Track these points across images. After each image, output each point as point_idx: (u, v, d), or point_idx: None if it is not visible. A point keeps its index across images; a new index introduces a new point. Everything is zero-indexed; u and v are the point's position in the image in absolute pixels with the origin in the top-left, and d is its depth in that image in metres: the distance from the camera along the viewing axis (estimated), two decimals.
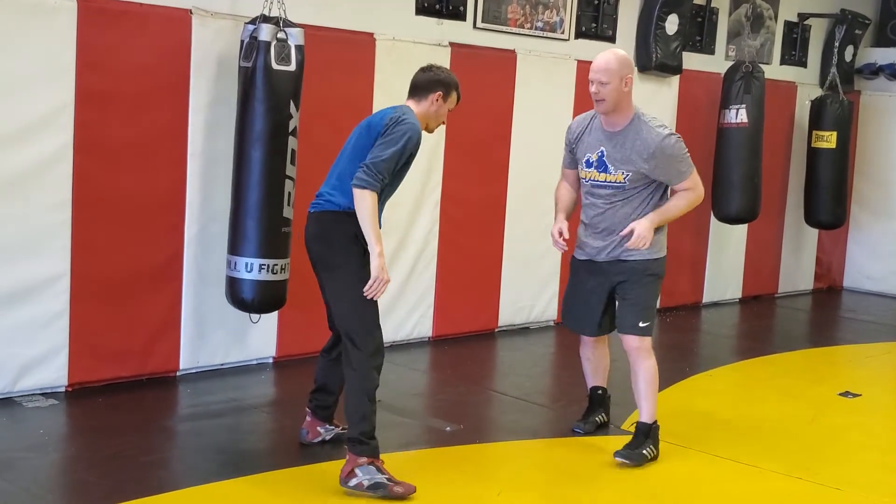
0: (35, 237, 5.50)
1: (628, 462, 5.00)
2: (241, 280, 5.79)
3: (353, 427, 4.49)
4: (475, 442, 5.26)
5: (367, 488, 4.36)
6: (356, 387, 4.51)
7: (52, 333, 5.61)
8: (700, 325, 9.05)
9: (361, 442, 4.44)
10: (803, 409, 6.28)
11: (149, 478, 4.58)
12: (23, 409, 5.43)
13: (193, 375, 6.20)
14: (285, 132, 5.77)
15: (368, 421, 4.49)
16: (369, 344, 4.51)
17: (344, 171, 4.62)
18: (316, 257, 4.67)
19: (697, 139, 9.14)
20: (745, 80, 8.93)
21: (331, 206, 4.61)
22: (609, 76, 4.95)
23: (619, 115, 5.05)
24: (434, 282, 7.44)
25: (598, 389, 5.57)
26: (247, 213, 5.78)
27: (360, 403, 4.50)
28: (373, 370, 4.51)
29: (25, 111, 5.39)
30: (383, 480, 4.39)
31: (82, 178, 5.61)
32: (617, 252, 5.12)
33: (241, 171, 5.81)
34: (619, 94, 4.98)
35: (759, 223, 9.60)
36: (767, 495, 4.80)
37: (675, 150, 5.01)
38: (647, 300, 5.17)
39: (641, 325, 5.13)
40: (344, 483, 4.40)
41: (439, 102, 4.70)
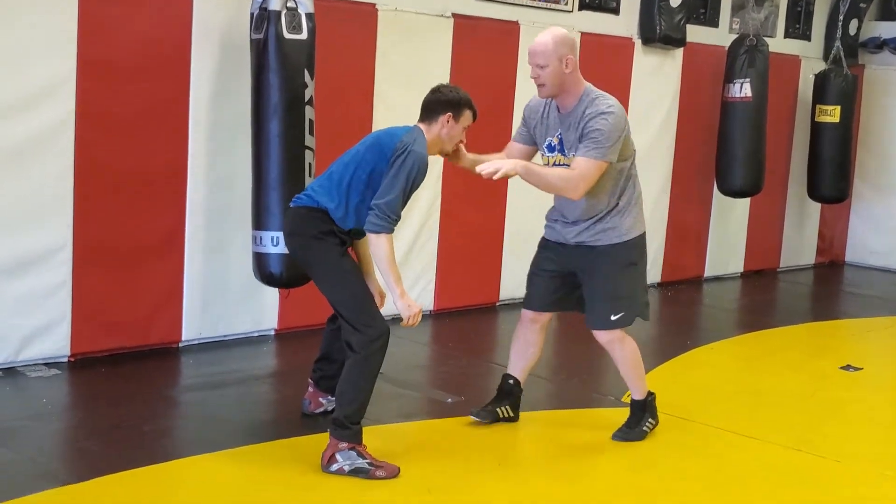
0: (37, 207, 5.50)
1: (627, 440, 4.99)
2: (268, 255, 5.70)
3: (339, 407, 4.39)
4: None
5: (349, 473, 4.28)
6: (355, 370, 4.40)
7: (55, 304, 5.62)
8: (702, 299, 9.05)
9: (344, 426, 4.34)
10: (804, 383, 6.30)
11: (152, 446, 4.60)
12: (26, 378, 5.45)
13: (195, 346, 6.21)
14: (301, 102, 5.72)
15: (358, 406, 4.38)
16: (370, 329, 4.40)
17: (335, 172, 4.56)
18: (293, 253, 4.69)
19: (701, 113, 9.13)
20: (749, 54, 8.89)
21: (309, 203, 4.56)
22: (546, 58, 4.64)
23: (567, 97, 4.75)
24: (436, 255, 7.44)
25: (510, 379, 5.17)
26: (269, 186, 5.72)
27: (355, 386, 4.39)
28: (376, 353, 4.41)
29: (27, 81, 5.38)
30: (364, 465, 4.30)
31: (84, 148, 5.60)
32: (584, 237, 4.87)
33: (259, 145, 5.75)
34: (560, 77, 4.67)
35: (762, 197, 9.58)
36: (768, 467, 4.82)
37: (598, 125, 4.64)
38: (617, 290, 4.89)
39: (613, 319, 4.89)
40: (325, 468, 4.31)
41: (451, 124, 4.59)
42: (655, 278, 9.13)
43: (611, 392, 5.79)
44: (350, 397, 4.38)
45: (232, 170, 6.10)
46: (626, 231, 4.89)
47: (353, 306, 4.47)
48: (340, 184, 4.50)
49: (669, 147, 8.96)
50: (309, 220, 4.53)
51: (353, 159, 4.53)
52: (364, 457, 4.33)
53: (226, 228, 6.18)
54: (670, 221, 9.13)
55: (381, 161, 4.45)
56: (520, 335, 5.17)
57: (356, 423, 4.38)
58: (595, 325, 4.96)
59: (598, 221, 4.84)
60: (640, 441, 5.00)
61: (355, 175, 4.49)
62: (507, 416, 5.13)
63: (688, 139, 9.07)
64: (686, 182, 9.18)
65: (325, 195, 4.52)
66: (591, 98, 4.73)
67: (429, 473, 4.41)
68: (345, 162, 4.56)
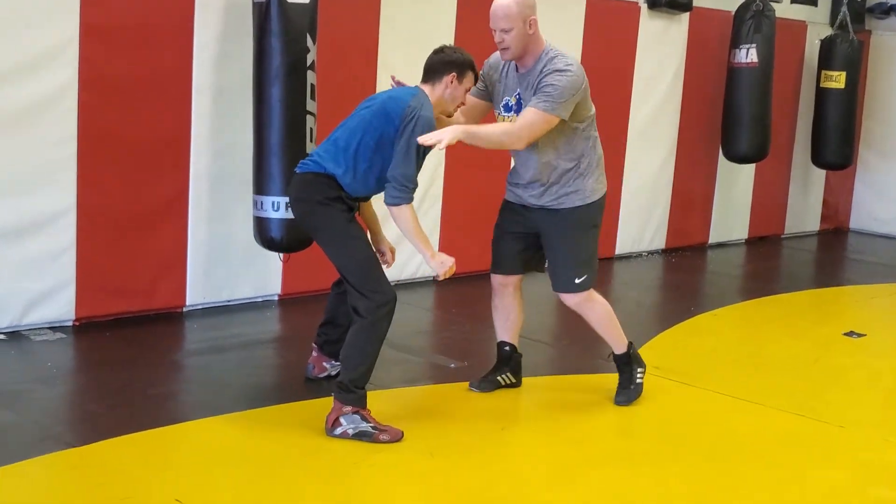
0: (41, 172, 5.49)
1: (631, 401, 5.02)
2: (269, 219, 5.72)
3: (344, 372, 4.41)
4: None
5: (353, 436, 4.29)
6: (362, 335, 4.40)
7: (59, 268, 5.63)
8: (706, 266, 9.05)
9: (349, 390, 4.34)
10: (808, 349, 6.30)
11: (157, 410, 4.62)
12: (31, 342, 5.47)
13: (199, 311, 6.23)
14: (303, 67, 5.70)
15: (364, 371, 4.39)
16: (377, 295, 4.38)
17: (340, 138, 4.50)
18: (299, 219, 4.65)
19: (707, 78, 9.08)
20: (755, 19, 8.83)
21: (315, 168, 4.50)
22: (510, 22, 4.54)
23: (528, 57, 4.67)
24: (439, 221, 7.43)
25: (505, 346, 5.14)
26: (270, 151, 5.72)
27: (361, 351, 4.39)
28: (383, 318, 4.40)
29: (30, 46, 5.36)
30: (368, 429, 4.31)
31: (87, 113, 5.58)
32: (546, 200, 4.81)
33: (261, 110, 5.74)
34: (524, 39, 4.60)
35: (767, 163, 9.55)
36: (771, 433, 4.83)
37: (554, 81, 4.56)
38: (579, 253, 4.88)
39: (577, 282, 4.88)
40: (329, 431, 4.33)
41: (454, 84, 4.55)
42: (660, 244, 9.13)
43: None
44: (356, 362, 4.39)
45: (235, 136, 6.09)
46: (590, 193, 4.86)
47: (360, 272, 4.44)
48: (347, 150, 4.46)
49: (675, 113, 8.93)
50: (315, 186, 4.48)
51: (359, 125, 4.49)
52: (368, 420, 4.35)
53: (229, 194, 6.17)
54: (675, 187, 9.11)
55: (389, 127, 4.42)
56: (497, 303, 5.12)
57: (361, 388, 4.39)
58: (560, 288, 4.95)
59: (559, 185, 4.80)
60: (643, 404, 5.00)
61: (362, 141, 4.45)
62: (509, 383, 5.13)
63: (693, 105, 9.03)
64: (691, 148, 9.15)
65: (332, 161, 4.48)
66: (549, 57, 4.67)
67: (432, 437, 4.43)
68: (350, 128, 4.51)
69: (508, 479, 4.13)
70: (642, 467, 4.30)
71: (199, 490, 3.79)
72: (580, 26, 8.02)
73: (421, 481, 4.03)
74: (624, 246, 8.82)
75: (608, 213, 8.48)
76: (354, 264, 4.46)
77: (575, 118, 4.72)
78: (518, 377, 5.17)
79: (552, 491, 4.02)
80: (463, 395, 5.04)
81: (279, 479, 3.95)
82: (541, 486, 4.07)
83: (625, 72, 8.49)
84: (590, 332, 5.68)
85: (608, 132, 8.39)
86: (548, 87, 4.57)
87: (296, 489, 3.87)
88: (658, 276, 8.60)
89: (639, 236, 8.93)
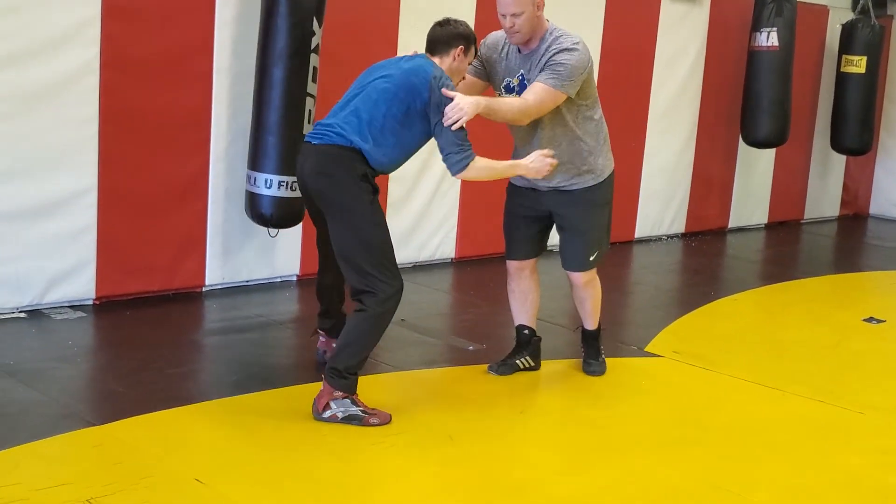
0: (63, 151, 5.51)
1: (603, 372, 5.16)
2: (261, 196, 5.83)
3: (340, 358, 4.30)
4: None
5: (342, 420, 4.26)
6: (366, 324, 4.29)
7: (80, 247, 5.66)
8: (725, 250, 9.02)
9: (342, 375, 4.27)
10: (827, 334, 6.28)
11: (176, 389, 4.64)
12: (52, 321, 5.49)
13: (219, 291, 6.25)
14: (307, 49, 5.73)
15: (361, 359, 4.33)
16: (386, 288, 4.26)
17: (362, 111, 4.32)
18: (318, 194, 4.34)
19: (728, 62, 9.04)
20: (776, 3, 8.77)
21: (340, 141, 4.30)
22: (521, 6, 4.51)
23: (534, 39, 4.66)
24: (458, 203, 7.43)
25: (525, 329, 5.13)
26: (267, 129, 5.78)
27: (363, 340, 4.31)
28: (390, 310, 4.31)
29: (53, 24, 5.37)
30: (358, 412, 4.27)
31: (109, 92, 5.59)
32: (557, 180, 4.77)
33: (262, 88, 5.80)
34: (533, 21, 4.57)
35: (787, 148, 9.51)
36: (790, 418, 4.82)
37: (562, 59, 4.55)
38: (594, 232, 4.91)
39: (591, 260, 4.92)
40: (317, 415, 4.27)
41: (461, 57, 4.49)
42: (679, 228, 9.11)
43: (633, 342, 5.80)
44: (355, 350, 4.31)
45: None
46: (601, 172, 4.88)
47: (375, 259, 4.28)
48: (372, 123, 4.30)
49: (695, 97, 8.89)
50: (342, 160, 4.28)
51: (383, 98, 4.33)
52: (357, 405, 4.30)
53: None
54: (695, 172, 9.08)
55: (416, 100, 4.31)
56: (514, 287, 5.11)
57: (354, 374, 4.33)
58: (573, 266, 4.96)
59: (570, 164, 4.77)
60: (664, 389, 5.00)
61: (388, 114, 4.31)
62: (528, 366, 5.13)
63: (713, 89, 8.99)
64: (711, 132, 9.12)
65: (357, 134, 4.29)
66: (555, 36, 4.65)
67: (450, 420, 4.43)
68: (373, 100, 4.33)
69: (526, 463, 4.13)
70: (660, 452, 4.29)
71: (217, 469, 3.81)
72: (601, 9, 7.99)
73: (439, 464, 4.04)
74: (643, 229, 8.80)
75: (628, 197, 8.56)
76: (370, 250, 4.28)
77: (581, 96, 4.71)
78: (537, 361, 5.17)
79: (570, 475, 4.02)
80: (482, 377, 5.05)
81: (298, 458, 3.96)
82: (558, 470, 4.07)
83: (645, 55, 8.45)
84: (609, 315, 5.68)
85: (628, 115, 8.42)
86: (557, 64, 4.56)
87: (314, 469, 3.88)
88: (677, 260, 8.57)
89: (658, 220, 8.91)
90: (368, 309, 4.26)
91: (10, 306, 5.50)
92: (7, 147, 5.32)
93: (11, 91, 5.29)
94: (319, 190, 4.33)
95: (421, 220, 7.22)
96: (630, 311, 6.90)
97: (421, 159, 6.98)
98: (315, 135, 4.40)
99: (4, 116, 5.29)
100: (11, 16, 5.22)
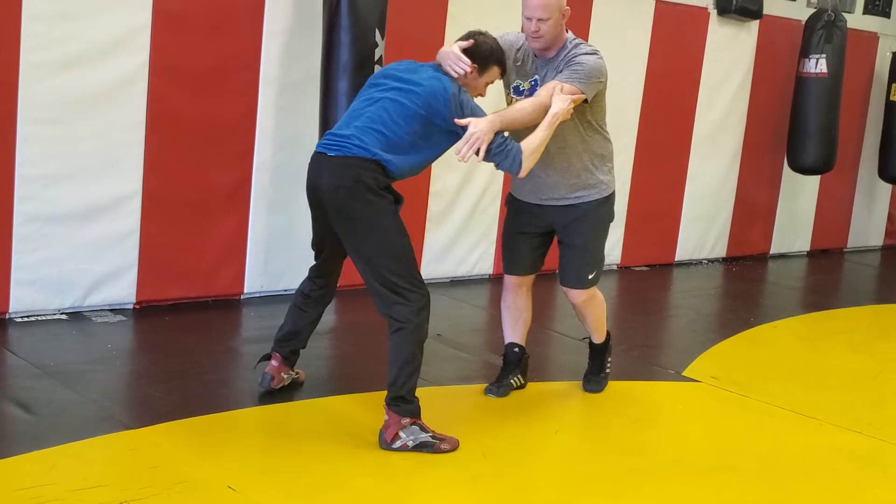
0: (109, 156, 5.58)
1: (602, 389, 5.14)
2: None
3: (398, 384, 4.18)
4: (532, 380, 5.25)
5: (413, 448, 4.17)
6: (407, 343, 4.18)
7: (123, 251, 5.71)
8: (766, 276, 8.94)
9: (407, 400, 4.19)
10: (868, 365, 6.20)
11: (212, 396, 4.67)
12: (92, 323, 5.55)
13: (257, 300, 6.28)
14: (371, 62, 5.75)
15: (416, 378, 4.23)
16: (419, 297, 4.19)
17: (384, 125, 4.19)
18: (339, 209, 4.19)
19: (775, 88, 8.98)
20: (826, 29, 8.71)
21: (361, 153, 4.15)
22: (549, 11, 4.47)
23: (554, 47, 4.64)
24: (497, 219, 7.41)
25: (515, 347, 5.09)
26: None
27: (410, 360, 4.19)
28: (424, 321, 4.22)
29: (104, 31, 5.44)
30: (428, 439, 4.18)
31: (157, 99, 5.65)
32: (563, 193, 4.75)
33: (328, 103, 5.79)
34: (557, 29, 4.56)
35: (833, 176, 9.42)
36: (828, 448, 4.76)
37: (584, 61, 4.53)
38: (594, 250, 4.89)
39: (590, 278, 4.87)
40: (387, 446, 4.16)
41: (473, 75, 4.37)
42: (721, 253, 9.05)
43: (671, 366, 5.76)
44: (410, 370, 4.21)
45: (300, 128, 6.13)
46: (607, 186, 4.85)
47: (405, 270, 4.21)
48: (394, 139, 4.19)
49: (741, 121, 8.83)
50: (365, 172, 4.13)
51: (403, 115, 4.20)
52: (426, 430, 4.21)
53: (291, 186, 6.19)
54: (738, 196, 9.02)
55: (438, 116, 4.23)
56: (510, 303, 5.07)
57: (416, 397, 4.26)
58: (573, 283, 4.91)
59: (577, 178, 4.75)
60: (701, 416, 4.96)
61: (410, 131, 4.21)
62: (519, 385, 5.10)
63: (760, 113, 8.93)
64: (756, 157, 9.05)
65: (379, 147, 4.16)
66: (575, 44, 4.65)
67: (484, 438, 4.42)
68: (392, 116, 4.20)
69: (558, 483, 4.11)
70: (694, 479, 4.25)
71: (250, 477, 3.82)
72: (648, 30, 7.97)
73: (471, 480, 4.02)
74: (684, 253, 8.75)
75: (670, 219, 8.52)
76: (399, 260, 4.20)
77: (594, 110, 4.70)
78: (526, 379, 5.15)
79: (600, 498, 3.99)
80: (516, 395, 5.03)
81: (330, 470, 3.97)
82: (589, 493, 4.04)
83: (691, 77, 8.42)
84: (647, 337, 5.66)
85: (672, 138, 8.39)
86: (576, 64, 4.55)
87: (346, 482, 3.89)
88: (718, 284, 8.51)
89: (700, 244, 8.85)
90: (407, 323, 4.18)
91: (52, 308, 5.56)
92: (55, 151, 5.40)
93: (61, 96, 5.36)
94: (341, 205, 4.19)
95: (460, 235, 7.22)
96: (668, 334, 6.87)
97: (461, 174, 7.01)
98: (330, 146, 4.25)
99: (54, 121, 5.36)
100: (64, 22, 5.30)
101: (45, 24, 5.24)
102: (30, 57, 5.22)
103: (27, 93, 5.26)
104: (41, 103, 5.30)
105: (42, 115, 5.32)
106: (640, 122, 8.07)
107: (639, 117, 8.05)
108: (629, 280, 7.94)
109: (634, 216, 8.15)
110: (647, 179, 8.09)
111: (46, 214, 5.43)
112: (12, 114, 5.24)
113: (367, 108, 4.28)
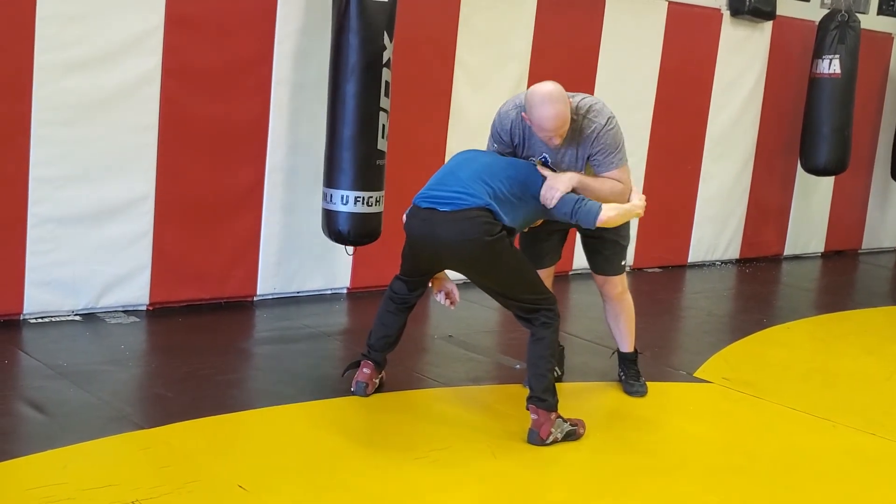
0: (122, 158, 5.60)
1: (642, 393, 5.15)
2: (337, 212, 5.81)
3: (540, 381, 4.46)
4: None
5: (562, 440, 4.44)
6: (547, 341, 4.50)
7: (136, 253, 5.74)
8: (780, 277, 8.92)
9: (552, 394, 4.45)
10: (881, 366, 6.18)
11: (224, 396, 4.69)
12: (105, 324, 5.58)
13: (269, 301, 6.30)
14: (379, 64, 5.75)
15: (553, 374, 4.54)
16: (552, 302, 4.55)
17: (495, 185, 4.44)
18: (474, 256, 4.44)
19: (788, 88, 8.95)
20: (839, 30, 8.68)
21: (476, 202, 4.39)
22: (565, 120, 4.48)
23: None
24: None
25: None
26: (342, 145, 5.79)
27: (549, 358, 4.51)
28: (558, 322, 4.57)
29: (116, 33, 5.47)
30: (570, 428, 4.48)
31: (169, 101, 5.68)
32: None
33: (335, 104, 5.80)
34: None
35: (847, 177, 9.38)
36: (839, 449, 4.75)
37: (611, 139, 4.62)
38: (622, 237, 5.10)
39: (623, 264, 5.11)
40: (541, 442, 4.37)
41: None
42: (734, 254, 9.03)
43: (682, 367, 5.75)
44: (548, 368, 4.49)
45: (312, 130, 6.14)
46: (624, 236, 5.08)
47: (537, 287, 4.56)
48: (498, 195, 4.43)
49: (754, 122, 8.81)
50: (485, 221, 4.39)
51: (510, 177, 4.51)
52: (566, 420, 4.48)
53: (303, 188, 6.23)
54: (751, 197, 8.99)
55: (531, 187, 4.56)
56: None
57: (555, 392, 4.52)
58: (607, 270, 5.06)
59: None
60: (713, 418, 4.95)
61: (509, 192, 4.48)
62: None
63: (773, 114, 8.91)
64: (769, 158, 9.03)
65: (488, 196, 4.41)
66: (580, 113, 4.61)
67: (494, 437, 4.42)
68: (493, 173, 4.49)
69: (566, 484, 4.11)
70: (705, 479, 4.25)
71: (261, 477, 3.83)
72: (661, 31, 7.96)
73: (480, 480, 4.03)
74: (697, 254, 8.73)
75: (683, 221, 8.50)
76: (527, 286, 4.54)
77: None
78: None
79: (609, 498, 3.99)
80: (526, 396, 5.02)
81: (341, 471, 3.98)
82: (598, 493, 4.04)
83: (704, 78, 8.40)
84: (659, 339, 5.65)
85: (685, 139, 8.38)
86: (607, 146, 4.63)
87: (356, 482, 3.89)
88: (731, 285, 8.49)
89: (713, 245, 8.83)
90: (550, 321, 4.50)
91: (66, 309, 5.60)
92: (68, 152, 5.42)
93: (75, 97, 5.39)
94: (475, 253, 4.42)
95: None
96: (680, 335, 6.85)
97: None
98: (438, 201, 4.44)
99: (67, 122, 5.39)
100: (77, 23, 5.33)
101: (59, 26, 5.27)
102: (43, 59, 5.26)
103: (41, 95, 5.29)
104: (55, 105, 5.33)
105: (56, 117, 5.35)
106: (653, 124, 8.07)
107: (651, 118, 8.05)
108: (642, 281, 7.93)
109: (647, 217, 8.07)
110: (659, 181, 8.07)
111: (60, 216, 5.46)
112: (26, 116, 5.28)
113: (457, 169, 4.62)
